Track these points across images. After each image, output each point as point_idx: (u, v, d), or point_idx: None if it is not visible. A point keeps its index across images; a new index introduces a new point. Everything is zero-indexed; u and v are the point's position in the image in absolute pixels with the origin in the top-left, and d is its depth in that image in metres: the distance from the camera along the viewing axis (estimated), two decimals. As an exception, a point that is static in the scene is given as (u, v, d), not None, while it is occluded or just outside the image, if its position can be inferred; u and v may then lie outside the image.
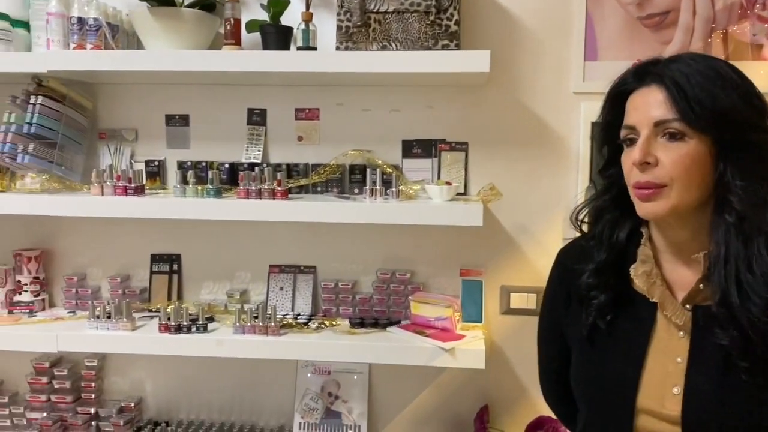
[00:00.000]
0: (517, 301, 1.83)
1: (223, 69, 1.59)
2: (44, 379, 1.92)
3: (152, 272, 1.94)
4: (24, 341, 1.73)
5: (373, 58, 1.54)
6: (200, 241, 1.92)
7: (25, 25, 1.81)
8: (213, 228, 1.90)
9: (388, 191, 1.68)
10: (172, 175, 1.90)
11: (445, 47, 1.57)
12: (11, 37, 1.74)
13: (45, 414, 1.90)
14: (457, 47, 1.58)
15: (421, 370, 1.76)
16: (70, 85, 1.79)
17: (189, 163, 1.84)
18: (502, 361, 1.86)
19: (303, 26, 1.67)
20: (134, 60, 1.62)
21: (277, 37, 1.68)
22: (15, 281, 1.90)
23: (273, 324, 1.70)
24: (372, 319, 1.80)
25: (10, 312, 1.86)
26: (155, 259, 1.94)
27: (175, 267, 1.94)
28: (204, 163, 1.83)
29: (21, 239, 1.97)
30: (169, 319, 1.71)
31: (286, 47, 1.72)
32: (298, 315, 1.85)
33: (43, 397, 1.91)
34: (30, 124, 1.70)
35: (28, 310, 1.87)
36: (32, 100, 1.71)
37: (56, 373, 1.92)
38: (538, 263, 1.82)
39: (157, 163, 1.88)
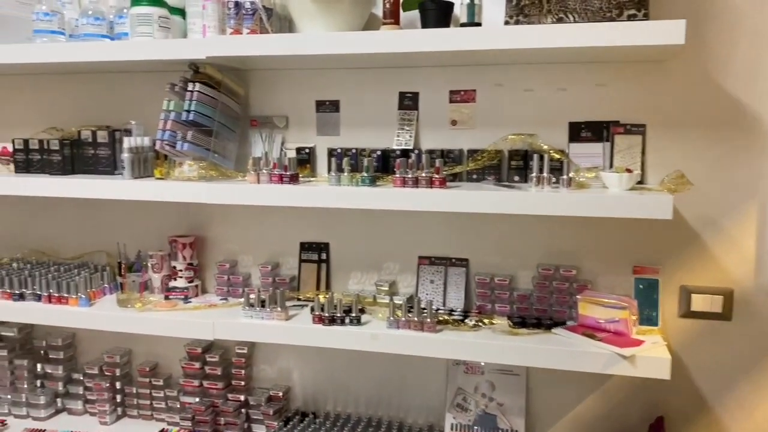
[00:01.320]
0: (699, 303, 1.63)
1: (388, 50, 1.49)
2: (197, 365, 1.94)
3: (301, 260, 1.91)
4: (181, 327, 1.74)
5: (550, 32, 1.38)
6: (349, 230, 1.86)
7: (181, 12, 1.81)
8: (362, 216, 1.84)
9: (557, 179, 1.53)
10: (322, 162, 1.85)
11: (631, 18, 1.39)
12: (170, 24, 1.75)
13: (197, 399, 1.93)
14: (646, 17, 1.40)
15: (584, 374, 1.61)
16: (224, 72, 1.78)
17: (339, 150, 1.78)
18: (680, 370, 1.66)
19: (468, 0, 1.54)
20: (294, 43, 1.55)
21: (437, 14, 1.57)
22: (170, 267, 1.93)
23: (429, 320, 1.60)
24: (533, 318, 1.67)
25: (167, 297, 1.89)
26: (304, 247, 1.90)
27: (324, 256, 1.89)
28: (354, 150, 1.76)
29: (175, 225, 2.00)
30: (322, 309, 1.66)
31: (446, 25, 1.60)
32: (452, 311, 1.75)
33: (196, 382, 1.94)
34: (188, 111, 1.70)
35: (183, 296, 1.89)
36: (190, 87, 1.71)
37: (208, 359, 1.94)
38: (727, 261, 1.61)
39: (307, 151, 1.83)
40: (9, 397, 2.04)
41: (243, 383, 1.94)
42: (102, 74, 2.01)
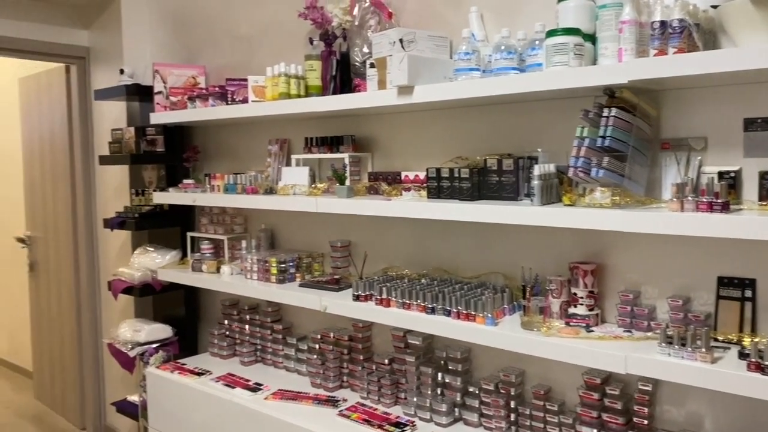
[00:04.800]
0: None
1: None
2: (596, 395, 1.89)
3: (719, 297, 1.72)
4: (588, 357, 1.71)
5: None
6: (783, 266, 1.63)
7: (591, 37, 1.80)
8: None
9: None
10: (749, 187, 1.65)
11: None
12: (583, 51, 1.75)
13: (595, 430, 1.87)
14: None
15: None
16: (639, 95, 1.71)
17: (774, 174, 1.56)
18: None
19: None
20: (740, 59, 1.41)
21: None
22: (570, 293, 1.93)
23: None
24: None
25: (567, 324, 1.89)
26: (723, 282, 1.72)
27: (749, 293, 1.68)
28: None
29: (573, 251, 1.99)
30: (761, 356, 1.46)
31: None
32: None
33: (594, 413, 1.89)
34: (603, 137, 1.67)
35: (584, 324, 1.86)
36: (605, 112, 1.68)
37: (608, 391, 1.88)
38: None
39: (732, 174, 1.65)
40: (415, 399, 2.26)
41: (645, 422, 1.82)
42: (510, 105, 2.12)
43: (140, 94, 3.30)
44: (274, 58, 2.81)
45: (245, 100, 2.76)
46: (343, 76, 2.45)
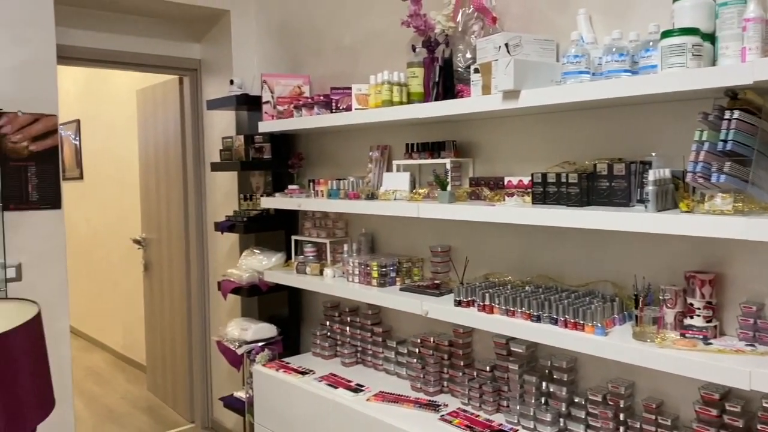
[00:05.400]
0: None
1: None
2: (714, 412, 1.80)
3: None
4: (707, 371, 1.63)
5: None
6: None
7: (709, 37, 1.73)
8: None
9: None
10: None
11: None
12: (702, 51, 1.68)
13: (714, 448, 1.79)
14: None
15: None
16: (764, 95, 1.62)
17: None
18: None
19: None
20: None
21: None
22: (685, 303, 1.85)
23: None
24: None
25: (682, 335, 1.81)
26: None
27: None
28: None
29: (688, 260, 1.91)
30: None
31: None
32: None
33: (712, 430, 1.80)
34: (725, 141, 1.59)
35: (701, 336, 1.78)
36: (727, 115, 1.60)
37: (727, 408, 1.79)
38: None
39: None
40: (518, 408, 2.24)
41: (770, 442, 1.72)
42: (621, 108, 2.06)
43: (249, 104, 3.46)
44: (376, 67, 2.88)
45: (349, 108, 2.83)
46: (446, 82, 2.46)
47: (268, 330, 3.41)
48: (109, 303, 6.25)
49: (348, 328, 3.07)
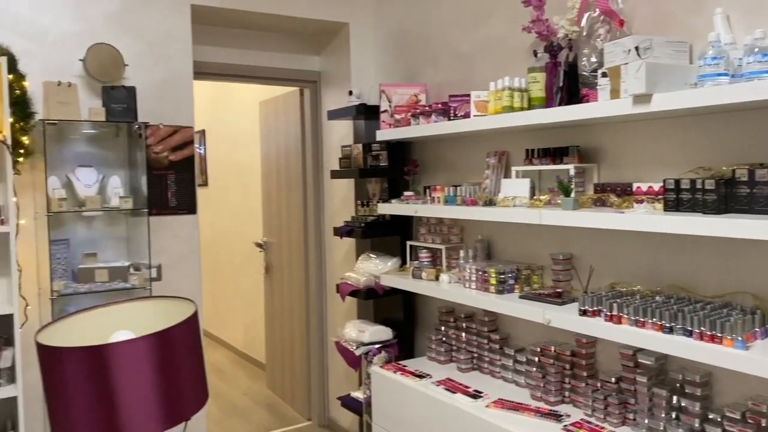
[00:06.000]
0: None
1: None
2: None
3: None
4: None
5: None
6: None
7: None
8: None
9: None
10: None
11: None
12: None
13: None
14: None
15: None
16: None
17: None
18: None
19: None
20: None
21: None
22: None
23: None
24: None
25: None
26: None
27: None
28: None
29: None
30: None
31: None
32: None
33: None
34: None
35: None
36: None
37: None
38: None
39: None
40: (646, 422, 2.16)
41: None
42: (763, 110, 1.95)
43: (367, 113, 3.56)
44: (494, 73, 2.88)
45: (467, 115, 2.85)
46: (571, 86, 2.43)
47: (384, 333, 3.49)
48: (231, 303, 6.61)
49: (464, 334, 3.08)
